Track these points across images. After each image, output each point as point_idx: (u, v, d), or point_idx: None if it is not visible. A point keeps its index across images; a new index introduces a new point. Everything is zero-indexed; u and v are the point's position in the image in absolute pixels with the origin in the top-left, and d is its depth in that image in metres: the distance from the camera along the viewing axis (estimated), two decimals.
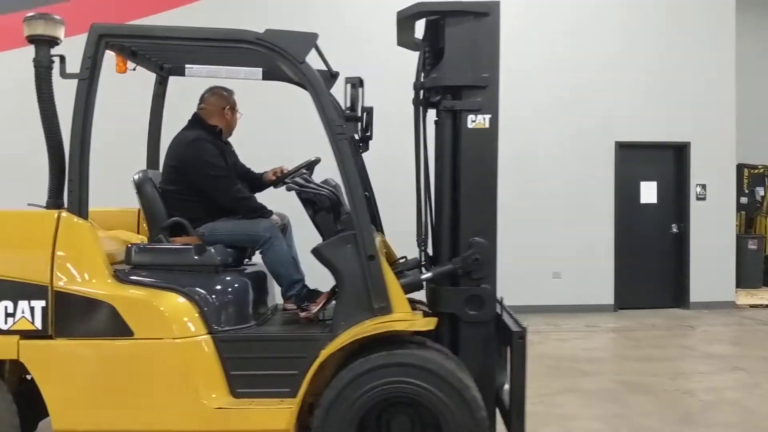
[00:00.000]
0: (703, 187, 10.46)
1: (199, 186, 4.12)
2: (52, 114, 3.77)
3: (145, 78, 4.73)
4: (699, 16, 10.44)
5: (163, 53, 4.40)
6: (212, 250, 3.90)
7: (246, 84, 4.68)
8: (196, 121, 4.33)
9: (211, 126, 4.33)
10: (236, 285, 3.94)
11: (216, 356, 3.69)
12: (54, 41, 3.76)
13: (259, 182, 4.60)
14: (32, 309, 3.63)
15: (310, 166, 4.38)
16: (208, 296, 3.77)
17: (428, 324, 3.57)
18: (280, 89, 5.01)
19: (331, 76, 4.83)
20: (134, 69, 4.28)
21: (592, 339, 8.59)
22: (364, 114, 4.54)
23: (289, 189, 4.01)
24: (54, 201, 3.85)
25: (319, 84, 3.72)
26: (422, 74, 4.01)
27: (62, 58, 3.76)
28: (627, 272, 10.28)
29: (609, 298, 10.20)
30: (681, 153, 10.53)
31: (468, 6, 3.82)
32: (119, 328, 3.59)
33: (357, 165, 4.68)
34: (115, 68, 4.16)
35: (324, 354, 3.42)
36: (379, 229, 4.78)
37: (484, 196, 3.86)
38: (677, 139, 10.40)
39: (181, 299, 3.71)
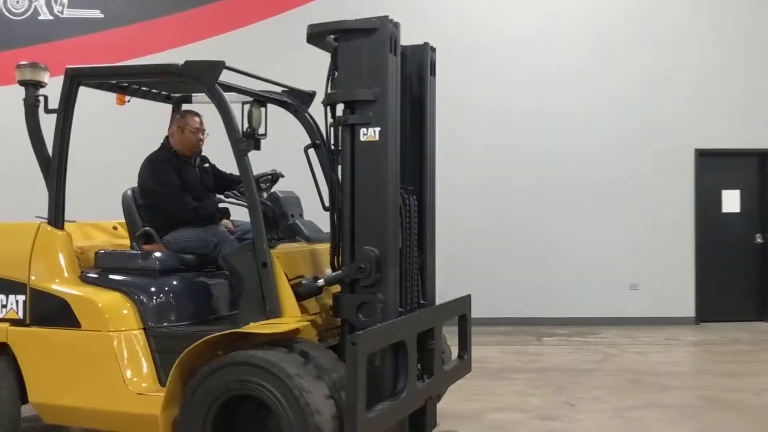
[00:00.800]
0: None
1: (155, 200, 4.71)
2: (39, 142, 4.59)
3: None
4: None
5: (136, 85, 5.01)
6: (155, 257, 4.47)
7: None
8: (162, 143, 4.94)
9: (168, 146, 4.90)
10: (175, 287, 4.44)
11: (147, 348, 4.24)
12: (39, 84, 4.59)
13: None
14: (17, 302, 4.48)
15: (260, 179, 4.76)
16: (146, 296, 4.33)
17: (283, 328, 3.79)
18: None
19: (309, 95, 5.19)
20: (128, 101, 5.02)
21: (672, 352, 8.19)
22: (320, 132, 4.74)
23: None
24: None
25: (226, 105, 4.12)
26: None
27: (45, 98, 4.58)
28: (709, 284, 9.94)
29: (690, 311, 9.80)
30: (765, 160, 9.86)
31: (355, 24, 3.97)
32: (71, 320, 4.28)
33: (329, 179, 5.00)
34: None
35: (185, 352, 3.80)
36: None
37: (375, 207, 3.98)
38: (761, 145, 9.71)
39: (122, 298, 4.32)
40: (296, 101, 5.06)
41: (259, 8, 9.92)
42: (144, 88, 5.08)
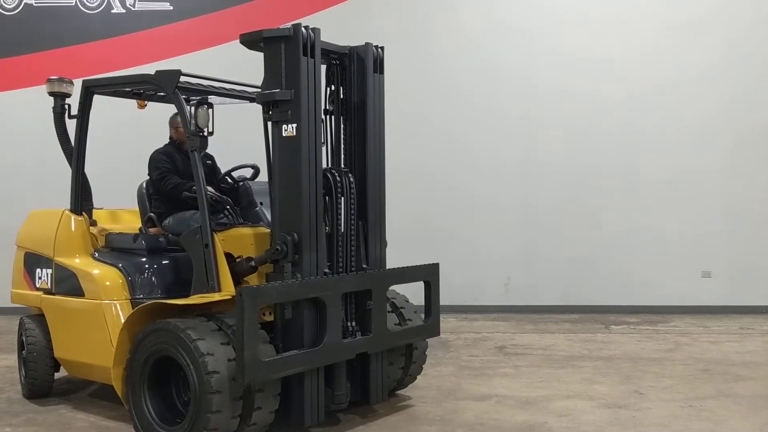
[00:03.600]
0: None
1: (155, 186, 5.41)
2: (66, 142, 5.54)
3: None
4: None
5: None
6: (144, 238, 5.23)
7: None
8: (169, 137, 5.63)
9: (171, 140, 5.56)
10: (157, 265, 5.15)
11: None
12: (66, 95, 5.54)
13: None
14: (47, 274, 5.48)
15: (232, 171, 5.36)
16: (134, 271, 5.10)
17: (198, 300, 4.37)
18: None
19: None
20: (146, 106, 5.82)
21: (746, 342, 7.69)
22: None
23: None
24: (84, 203, 5.62)
25: (184, 109, 4.75)
26: None
27: (69, 107, 5.51)
28: None
29: (765, 299, 9.22)
30: None
31: (273, 32, 4.41)
32: (78, 290, 5.19)
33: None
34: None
35: (126, 321, 4.51)
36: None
37: (292, 196, 4.42)
38: None
39: (117, 273, 5.12)
40: None
41: None
42: (150, 93, 5.76)
